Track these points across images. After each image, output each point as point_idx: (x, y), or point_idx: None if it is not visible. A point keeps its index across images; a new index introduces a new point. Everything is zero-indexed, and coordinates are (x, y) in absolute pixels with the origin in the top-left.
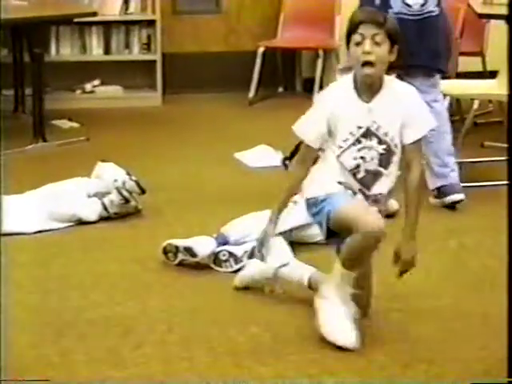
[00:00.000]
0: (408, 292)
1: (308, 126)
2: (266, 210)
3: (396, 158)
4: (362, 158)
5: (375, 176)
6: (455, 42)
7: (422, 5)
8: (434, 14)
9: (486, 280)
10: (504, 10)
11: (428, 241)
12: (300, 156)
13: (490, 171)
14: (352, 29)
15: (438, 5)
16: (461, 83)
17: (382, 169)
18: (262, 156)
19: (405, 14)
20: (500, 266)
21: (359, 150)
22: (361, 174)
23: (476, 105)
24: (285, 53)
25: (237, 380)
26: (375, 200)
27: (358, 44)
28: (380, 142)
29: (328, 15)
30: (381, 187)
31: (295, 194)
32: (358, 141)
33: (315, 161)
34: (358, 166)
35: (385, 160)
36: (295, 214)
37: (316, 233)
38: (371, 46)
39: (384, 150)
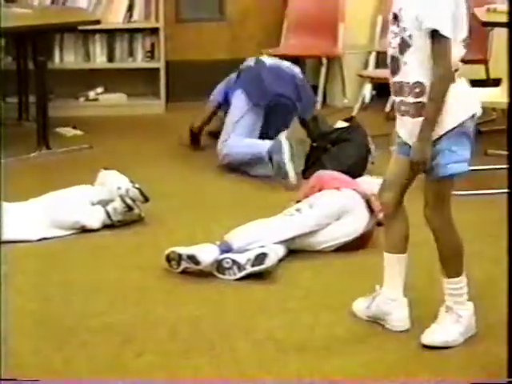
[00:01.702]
0: (411, 298)
1: None
2: (270, 218)
3: (412, 49)
4: (389, 43)
5: (396, 63)
6: None
7: None
8: None
9: (488, 288)
10: (507, 19)
11: (433, 248)
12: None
13: (494, 179)
14: None
15: None
16: None
17: (399, 55)
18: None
19: None
20: (502, 274)
21: (389, 34)
22: (388, 60)
23: (479, 112)
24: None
25: None
26: (400, 87)
27: None
28: (399, 29)
29: (332, 23)
30: (401, 75)
31: None
32: (389, 25)
33: None
34: (387, 52)
35: (401, 48)
36: (299, 222)
37: (321, 240)
38: None
39: (401, 39)
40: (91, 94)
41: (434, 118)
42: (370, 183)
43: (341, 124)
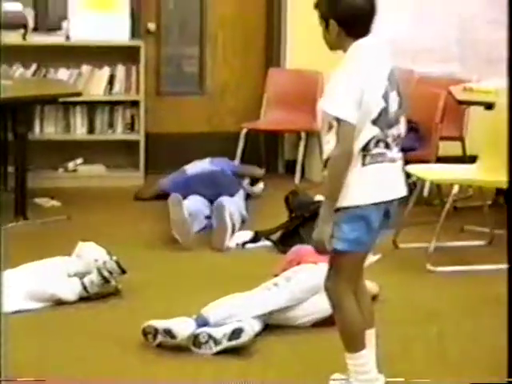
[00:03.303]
0: (390, 375)
1: None
2: (247, 291)
3: (333, 130)
4: None
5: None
6: (436, 126)
7: None
8: None
9: (467, 367)
10: (483, 98)
11: (408, 326)
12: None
13: (470, 255)
14: None
15: None
16: (441, 168)
17: (325, 134)
18: (241, 236)
19: None
20: (480, 352)
21: None
22: None
23: (456, 189)
24: (267, 134)
25: None
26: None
27: None
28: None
29: (310, 98)
30: (325, 154)
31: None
32: None
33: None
34: None
35: (327, 128)
36: (276, 297)
37: (298, 315)
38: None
39: (327, 119)
40: (70, 165)
41: (330, 195)
42: None
43: (320, 197)
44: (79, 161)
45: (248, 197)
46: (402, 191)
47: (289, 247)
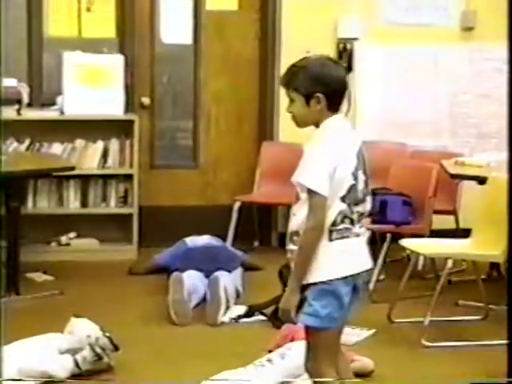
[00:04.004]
0: None
1: None
2: (240, 368)
3: (300, 201)
4: None
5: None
6: (429, 200)
7: None
8: None
9: None
10: (476, 172)
11: None
12: None
13: (465, 330)
14: None
15: None
16: (435, 242)
17: (293, 206)
18: (235, 310)
19: None
20: None
21: None
22: None
23: (450, 264)
24: (261, 207)
25: None
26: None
27: None
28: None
29: None
30: (290, 225)
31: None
32: None
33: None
34: None
35: (295, 199)
36: (270, 374)
37: None
38: (289, 104)
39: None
40: (63, 239)
41: (301, 268)
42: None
43: None
44: (72, 235)
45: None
46: (367, 264)
47: (283, 322)
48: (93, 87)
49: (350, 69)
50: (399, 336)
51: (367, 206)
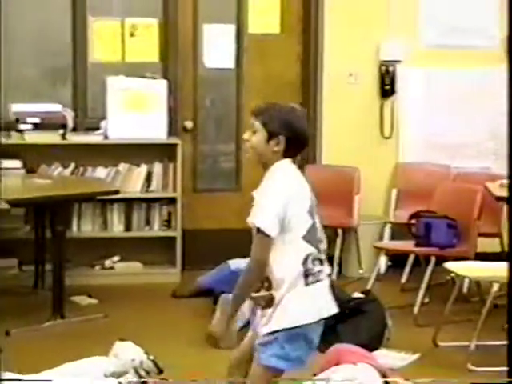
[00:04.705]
0: None
1: None
2: None
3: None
4: None
5: None
6: (474, 223)
7: None
8: None
9: None
10: None
11: None
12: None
13: None
14: None
15: None
16: (480, 265)
17: None
18: None
19: None
20: None
21: None
22: None
23: (496, 287)
24: None
25: None
26: None
27: None
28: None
29: (347, 194)
30: None
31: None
32: None
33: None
34: None
35: None
36: None
37: None
38: (250, 133)
39: None
40: (107, 263)
41: (239, 300)
42: (387, 357)
43: (357, 295)
44: (116, 258)
45: None
46: (335, 306)
47: (327, 345)
48: (136, 111)
49: (392, 91)
50: (444, 360)
51: (324, 245)
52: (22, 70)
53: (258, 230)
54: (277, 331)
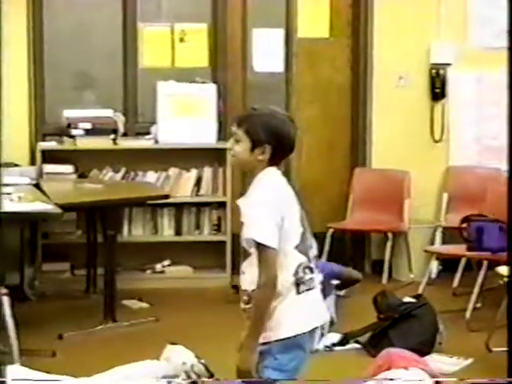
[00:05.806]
0: None
1: None
2: None
3: (249, 259)
4: None
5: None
6: None
7: None
8: None
9: None
10: None
11: None
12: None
13: None
14: None
15: None
16: None
17: (242, 263)
18: (330, 338)
19: None
20: None
21: None
22: None
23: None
24: (354, 235)
25: None
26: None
27: None
28: (241, 238)
29: (397, 198)
30: (241, 282)
31: None
32: None
33: None
34: None
35: (243, 256)
36: None
37: None
38: (233, 143)
39: (242, 247)
40: (158, 267)
41: (257, 327)
42: (439, 362)
43: (409, 299)
44: (166, 262)
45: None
46: (327, 313)
47: (378, 350)
48: (186, 116)
49: (443, 94)
50: (498, 365)
51: (315, 251)
52: (72, 76)
53: (259, 245)
54: (269, 342)
